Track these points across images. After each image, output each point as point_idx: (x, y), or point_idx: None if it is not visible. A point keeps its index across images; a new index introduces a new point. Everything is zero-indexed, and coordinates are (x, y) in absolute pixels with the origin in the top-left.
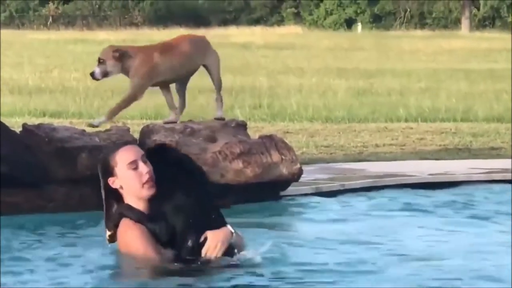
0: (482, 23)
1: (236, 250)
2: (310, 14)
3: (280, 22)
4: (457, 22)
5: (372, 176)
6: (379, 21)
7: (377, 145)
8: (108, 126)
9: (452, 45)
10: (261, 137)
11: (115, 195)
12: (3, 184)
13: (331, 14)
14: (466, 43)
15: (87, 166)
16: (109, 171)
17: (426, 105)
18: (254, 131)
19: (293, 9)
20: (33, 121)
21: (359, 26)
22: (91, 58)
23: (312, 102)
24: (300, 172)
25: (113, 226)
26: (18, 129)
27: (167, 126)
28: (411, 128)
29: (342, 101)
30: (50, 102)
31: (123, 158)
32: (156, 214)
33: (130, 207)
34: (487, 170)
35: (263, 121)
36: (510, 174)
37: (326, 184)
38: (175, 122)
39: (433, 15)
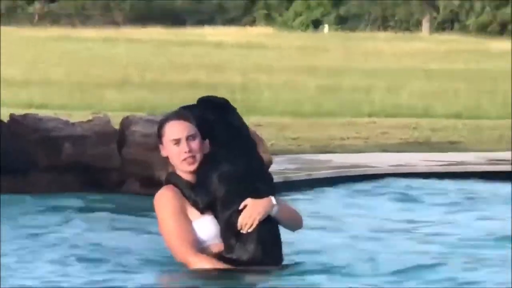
0: (442, 26)
1: (280, 223)
2: (280, 16)
3: (252, 22)
4: (418, 25)
5: (337, 166)
6: (344, 23)
7: (342, 138)
8: (90, 116)
9: (413, 47)
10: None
11: None
12: None
13: (300, 15)
14: (426, 45)
15: (71, 154)
16: (159, 138)
17: (388, 102)
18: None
19: (264, 11)
20: (20, 112)
21: (326, 27)
22: (75, 54)
23: (282, 97)
24: (270, 162)
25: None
26: (5, 119)
27: (146, 117)
28: (374, 123)
29: (310, 97)
30: (36, 95)
31: (168, 132)
32: (200, 180)
33: (174, 174)
34: (446, 163)
35: None
36: (467, 166)
37: (294, 174)
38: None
39: (396, 18)
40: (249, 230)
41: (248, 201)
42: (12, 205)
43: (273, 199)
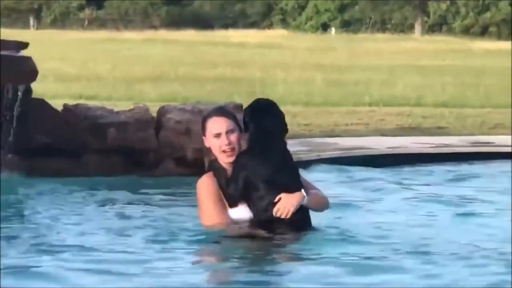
0: (432, 28)
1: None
2: (294, 20)
3: (270, 26)
4: (411, 28)
5: (342, 148)
6: (348, 26)
7: (346, 124)
8: (131, 106)
9: (407, 46)
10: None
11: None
12: (46, 153)
13: (311, 20)
14: (418, 45)
15: (115, 138)
16: (203, 131)
17: (386, 93)
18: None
19: (280, 16)
20: (72, 102)
21: (332, 30)
22: (119, 53)
23: (295, 90)
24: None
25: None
26: (59, 109)
27: (179, 106)
28: (374, 111)
29: (319, 89)
30: (85, 88)
31: (210, 127)
32: (237, 171)
33: (215, 163)
34: (435, 145)
35: None
36: (453, 148)
37: (306, 154)
38: None
39: (392, 22)
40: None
41: (282, 195)
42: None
43: (303, 191)
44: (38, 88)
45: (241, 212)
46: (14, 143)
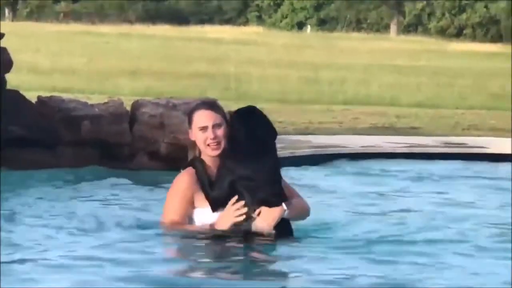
0: (407, 28)
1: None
2: (270, 17)
3: (246, 22)
4: (387, 27)
5: (316, 146)
6: (324, 24)
7: (320, 122)
8: (106, 100)
9: (382, 46)
10: (228, 113)
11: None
12: (21, 144)
13: (286, 17)
14: (394, 45)
15: (89, 131)
16: (189, 124)
17: (360, 92)
18: (224, 108)
19: (256, 13)
20: (46, 95)
21: (308, 28)
22: (94, 47)
23: (269, 87)
24: None
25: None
26: (34, 101)
27: (153, 101)
28: (348, 110)
29: (293, 87)
30: (60, 80)
31: (196, 120)
32: (224, 174)
33: (197, 160)
34: (408, 145)
35: (231, 100)
36: (425, 148)
37: (279, 152)
38: None
39: (368, 21)
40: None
41: (262, 209)
42: None
43: (284, 205)
44: (13, 80)
45: (208, 215)
46: None
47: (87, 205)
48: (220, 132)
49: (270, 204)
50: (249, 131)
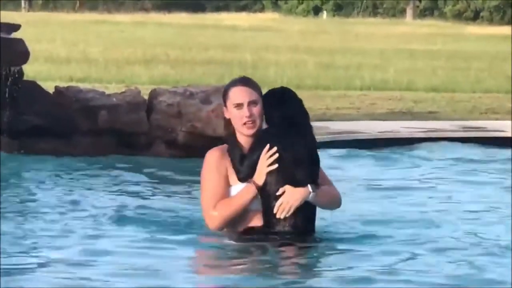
0: (423, 13)
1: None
2: (286, 3)
3: (261, 9)
4: (403, 12)
5: (333, 132)
6: (340, 9)
7: (337, 108)
8: (123, 89)
9: (398, 30)
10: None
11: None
12: (38, 134)
13: (302, 3)
14: (410, 29)
15: (106, 121)
16: (224, 101)
17: (377, 77)
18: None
19: None
20: (63, 84)
21: (324, 13)
22: (110, 35)
23: (286, 73)
24: None
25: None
26: (51, 91)
27: (171, 89)
28: (365, 95)
29: (310, 73)
30: (77, 70)
31: (232, 97)
32: (256, 147)
33: (232, 137)
34: (426, 130)
35: None
36: (444, 133)
37: None
38: None
39: (384, 6)
40: (286, 215)
41: (287, 187)
42: None
43: (309, 187)
44: (30, 70)
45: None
46: (7, 125)
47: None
48: (256, 110)
49: (296, 184)
50: (280, 110)
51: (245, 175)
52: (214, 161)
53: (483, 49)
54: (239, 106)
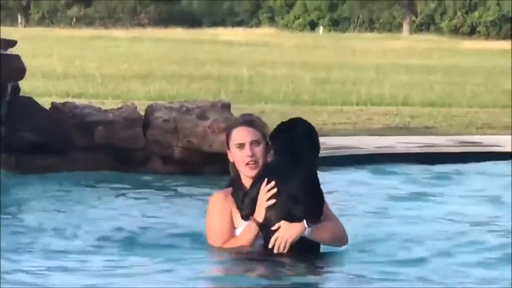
0: (420, 27)
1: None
2: (282, 18)
3: (258, 24)
4: (399, 27)
5: (330, 147)
6: (337, 24)
7: (334, 123)
8: (119, 104)
9: (395, 45)
10: (241, 116)
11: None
12: (35, 150)
13: (298, 18)
14: (406, 44)
15: (103, 137)
16: (227, 143)
17: (373, 92)
18: (236, 111)
19: (268, 14)
20: (59, 100)
21: (320, 28)
22: (107, 51)
23: (282, 88)
24: None
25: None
26: (47, 106)
27: (167, 105)
28: (362, 110)
29: (306, 88)
30: (73, 86)
31: (235, 137)
32: (256, 184)
33: (235, 179)
34: (422, 145)
35: (244, 103)
36: (441, 148)
37: None
38: None
39: (380, 21)
40: (282, 251)
41: (282, 223)
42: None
43: (305, 222)
44: (26, 86)
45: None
46: (4, 141)
47: (109, 213)
48: (259, 150)
49: (292, 220)
50: (284, 145)
51: (247, 213)
52: (218, 204)
53: (480, 64)
54: (241, 146)
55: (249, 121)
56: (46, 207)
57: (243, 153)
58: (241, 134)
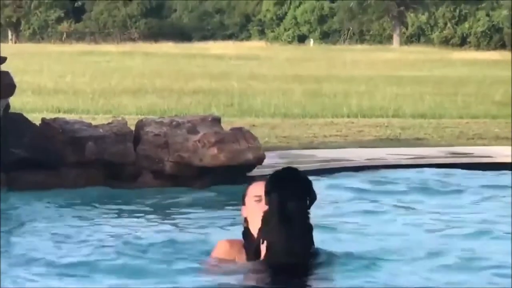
0: (410, 39)
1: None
2: (272, 31)
3: (248, 37)
4: (389, 38)
5: (321, 160)
6: (327, 37)
7: (325, 136)
8: (110, 119)
9: (385, 57)
10: (232, 129)
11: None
12: (25, 166)
13: (288, 31)
14: (396, 55)
15: (93, 152)
16: (243, 200)
17: (364, 104)
18: (227, 125)
19: (258, 27)
20: (50, 116)
21: (311, 41)
22: (97, 66)
23: (273, 101)
24: (263, 157)
25: None
26: (38, 122)
27: (157, 120)
28: (352, 123)
29: (297, 101)
30: (64, 101)
31: (251, 191)
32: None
33: (248, 232)
34: (413, 156)
35: (234, 116)
36: (431, 159)
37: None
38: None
39: (371, 33)
40: None
41: None
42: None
43: None
44: (16, 102)
45: None
46: None
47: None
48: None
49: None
50: (276, 199)
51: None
52: (224, 248)
53: (470, 74)
54: (258, 197)
55: (264, 178)
56: (37, 224)
57: (261, 206)
58: (260, 188)
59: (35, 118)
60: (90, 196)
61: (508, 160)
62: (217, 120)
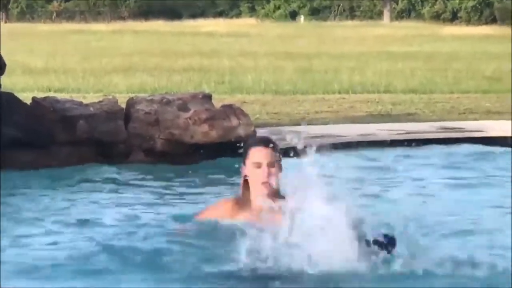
0: (400, 14)
1: None
2: (263, 8)
3: (239, 14)
4: (380, 14)
5: (312, 136)
6: (317, 13)
7: (316, 112)
8: (100, 98)
9: (376, 33)
10: (223, 106)
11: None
12: (16, 146)
13: (279, 8)
14: (387, 31)
15: (84, 131)
16: (243, 159)
17: (355, 80)
18: (218, 102)
19: (249, 4)
20: (41, 95)
21: (301, 17)
22: (88, 45)
23: (264, 78)
24: (254, 134)
25: None
26: (28, 102)
27: (148, 98)
28: (344, 99)
29: (288, 77)
30: (54, 81)
31: (252, 155)
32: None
33: (246, 194)
34: (404, 131)
35: (225, 93)
36: (423, 134)
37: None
38: None
39: (361, 9)
40: None
41: None
42: None
43: None
44: (7, 82)
45: None
46: None
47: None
48: (274, 171)
49: None
50: None
51: None
52: (219, 205)
53: (460, 50)
54: (258, 165)
55: (269, 140)
56: (28, 203)
57: (259, 172)
58: (260, 154)
59: (26, 98)
60: (82, 174)
61: (499, 134)
62: (208, 97)
